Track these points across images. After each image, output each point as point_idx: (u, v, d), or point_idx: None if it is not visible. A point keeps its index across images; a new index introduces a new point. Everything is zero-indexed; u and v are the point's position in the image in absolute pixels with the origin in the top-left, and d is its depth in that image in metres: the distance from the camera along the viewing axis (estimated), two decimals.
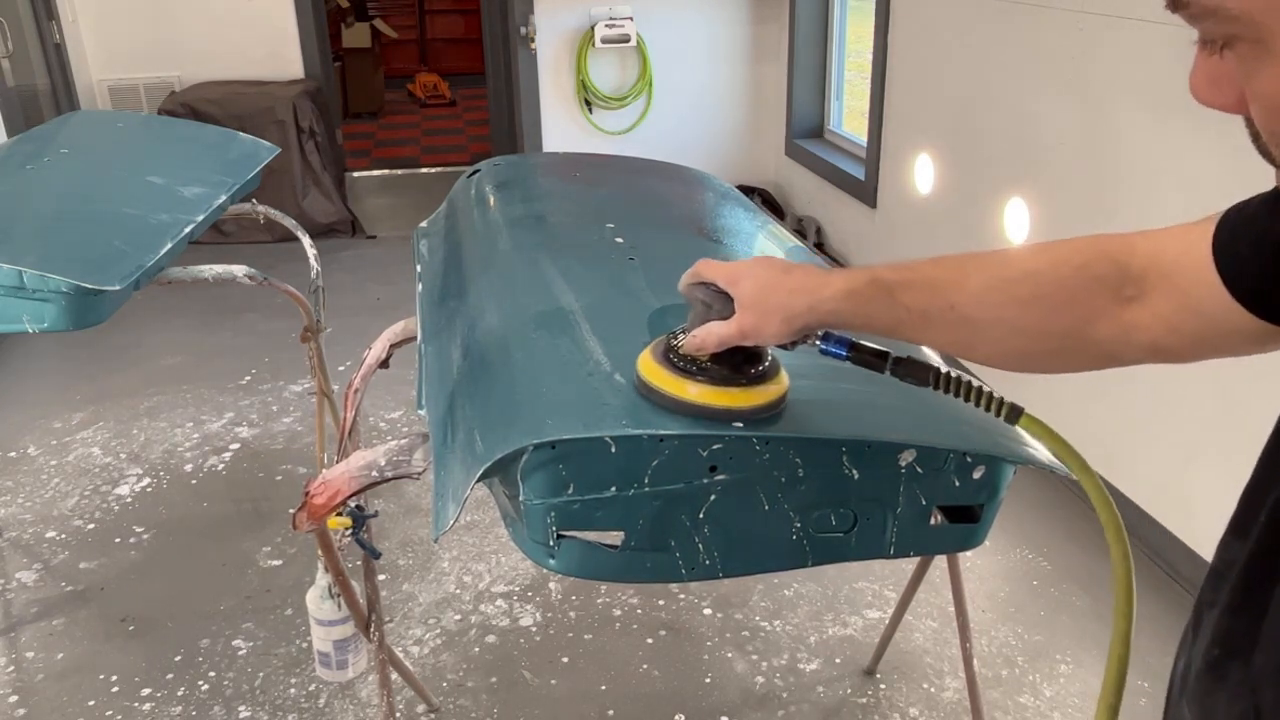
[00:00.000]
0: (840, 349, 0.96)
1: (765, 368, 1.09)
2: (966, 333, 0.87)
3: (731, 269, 1.00)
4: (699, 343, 1.02)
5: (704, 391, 1.06)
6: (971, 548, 1.34)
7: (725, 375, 1.06)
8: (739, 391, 1.07)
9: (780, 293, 0.95)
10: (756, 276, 0.97)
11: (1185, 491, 2.46)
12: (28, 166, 2.31)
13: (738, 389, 1.07)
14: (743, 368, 1.07)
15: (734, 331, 0.99)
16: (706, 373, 1.06)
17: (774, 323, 0.95)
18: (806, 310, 0.93)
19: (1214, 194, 2.43)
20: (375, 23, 9.12)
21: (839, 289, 0.91)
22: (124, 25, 5.25)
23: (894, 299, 0.88)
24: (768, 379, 1.09)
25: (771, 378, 1.10)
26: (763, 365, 1.09)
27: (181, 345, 4.03)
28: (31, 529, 2.82)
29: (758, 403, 1.08)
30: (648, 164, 2.47)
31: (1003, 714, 2.14)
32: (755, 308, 0.97)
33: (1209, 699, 0.75)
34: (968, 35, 3.37)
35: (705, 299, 1.01)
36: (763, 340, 0.99)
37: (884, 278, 0.90)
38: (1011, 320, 0.84)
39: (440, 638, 2.38)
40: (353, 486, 1.31)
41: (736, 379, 1.07)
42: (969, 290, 0.86)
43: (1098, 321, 0.80)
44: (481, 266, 1.67)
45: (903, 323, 0.89)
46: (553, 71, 5.17)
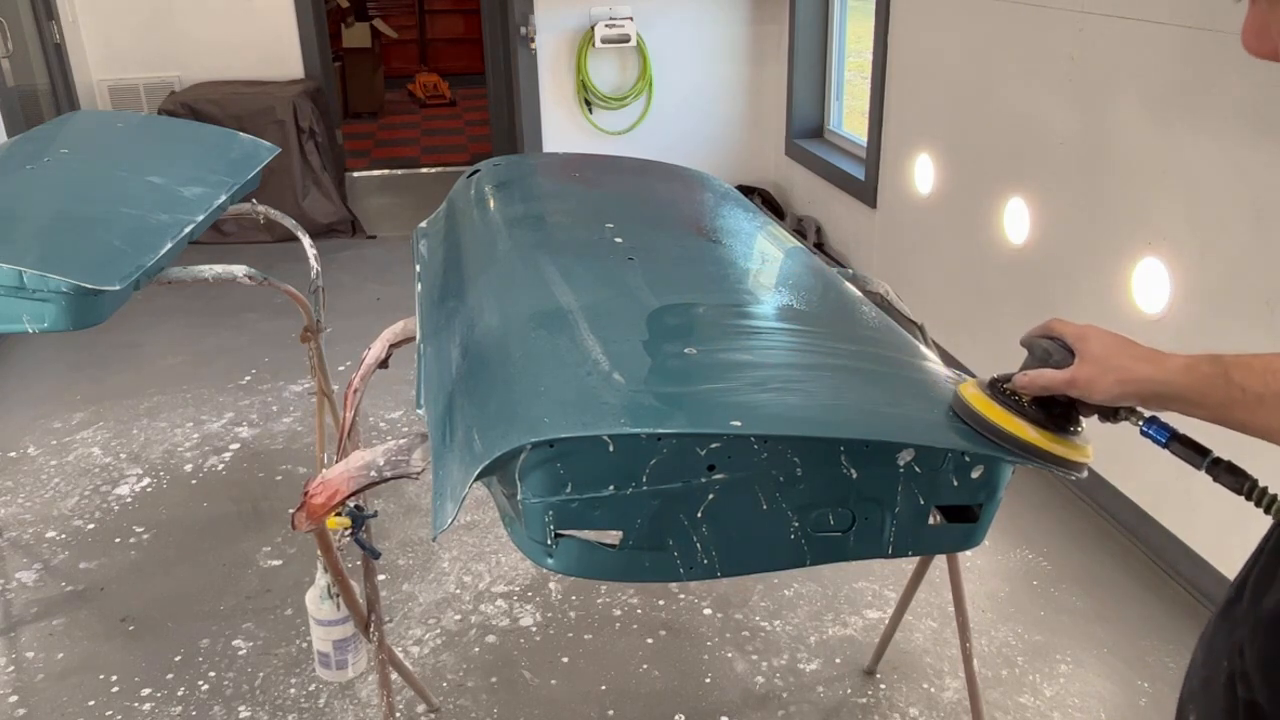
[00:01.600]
0: (1162, 434, 1.02)
1: (1080, 429, 1.12)
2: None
3: (1083, 329, 1.05)
4: (1028, 381, 1.08)
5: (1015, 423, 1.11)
6: (971, 547, 1.34)
7: (1037, 416, 1.10)
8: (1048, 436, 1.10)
9: (1125, 357, 0.99)
10: (1105, 339, 1.02)
11: (1186, 492, 2.46)
12: (28, 166, 2.31)
13: (1046, 433, 1.10)
14: (1056, 419, 1.11)
15: (1065, 379, 1.03)
16: (1020, 408, 1.11)
17: (1109, 381, 1.00)
18: (1145, 378, 0.97)
19: (1214, 194, 2.44)
20: (375, 23, 9.13)
21: (1180, 363, 0.95)
22: (124, 25, 5.25)
23: (1229, 378, 0.90)
24: (1075, 437, 1.12)
25: (1081, 440, 1.13)
26: (1075, 427, 1.12)
27: (181, 345, 4.03)
28: (31, 529, 2.82)
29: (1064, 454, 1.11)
30: (648, 164, 2.47)
31: (1003, 714, 2.14)
32: (1096, 363, 1.01)
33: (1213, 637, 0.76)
34: (968, 36, 3.37)
35: (1048, 348, 1.07)
36: (1092, 395, 1.02)
37: (1223, 358, 0.92)
38: None
39: (440, 638, 2.38)
40: (352, 486, 1.31)
41: (1046, 423, 1.10)
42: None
43: None
44: (481, 266, 1.67)
45: (1236, 403, 0.90)
46: (553, 71, 5.17)
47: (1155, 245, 2.51)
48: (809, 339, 1.42)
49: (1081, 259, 2.81)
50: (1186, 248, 2.42)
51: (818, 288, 1.66)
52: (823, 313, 1.56)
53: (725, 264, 1.74)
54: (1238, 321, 2.27)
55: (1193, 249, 2.40)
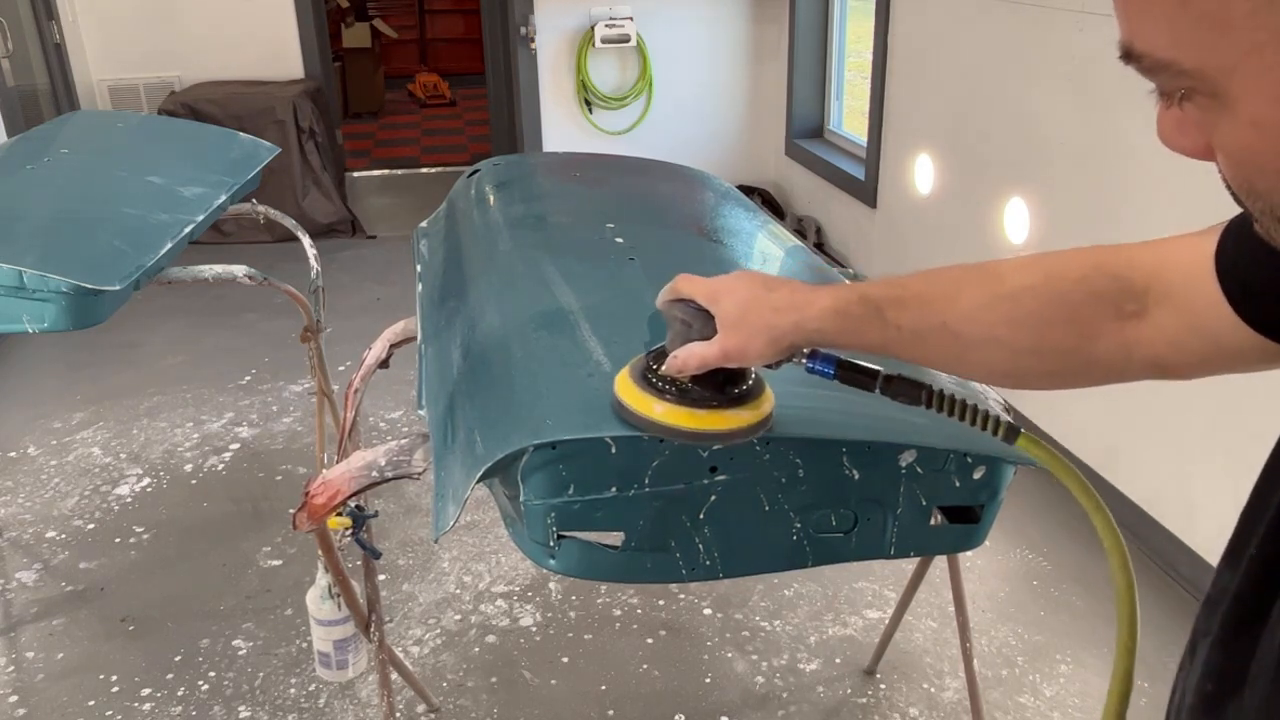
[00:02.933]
0: (828, 367, 0.92)
1: (749, 387, 1.04)
2: (959, 351, 0.84)
3: (711, 285, 0.95)
4: (680, 364, 0.97)
5: (681, 414, 1.00)
6: (971, 548, 1.34)
7: (707, 397, 1.00)
8: (722, 414, 1.01)
9: (764, 311, 0.90)
10: (738, 294, 0.93)
11: (1185, 492, 2.46)
12: (28, 166, 2.31)
13: (721, 411, 1.01)
14: (725, 388, 1.02)
15: (716, 352, 0.94)
16: (688, 394, 1.01)
17: (758, 343, 0.91)
18: (792, 329, 0.89)
19: (1213, 194, 2.43)
20: (375, 23, 9.12)
21: (826, 307, 0.87)
22: (124, 25, 5.25)
23: (883, 317, 0.85)
24: (752, 398, 1.03)
25: (756, 397, 1.04)
26: (746, 384, 1.03)
27: (181, 345, 4.03)
28: (31, 529, 2.82)
29: (742, 424, 1.02)
30: (648, 164, 2.47)
31: (1003, 714, 2.14)
32: (738, 327, 0.92)
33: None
34: (968, 35, 3.37)
35: (685, 317, 0.96)
36: (746, 361, 0.95)
37: (872, 295, 0.86)
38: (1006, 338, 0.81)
39: (440, 638, 2.38)
40: (353, 486, 1.31)
41: (719, 400, 1.01)
42: (961, 307, 0.82)
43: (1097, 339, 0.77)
44: (481, 266, 1.67)
45: (893, 341, 0.86)
46: (553, 71, 5.17)
47: None
48: None
49: None
50: None
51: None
52: None
53: (726, 264, 1.74)
54: None
55: None
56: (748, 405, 1.03)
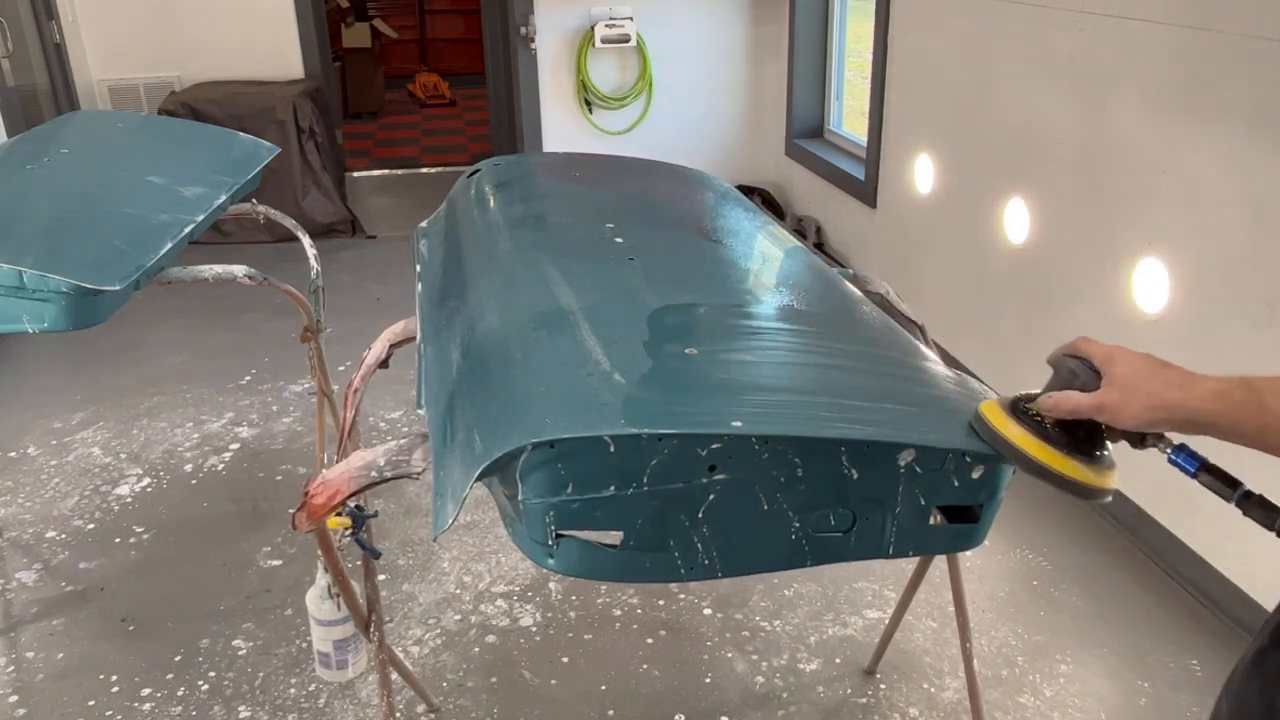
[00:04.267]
0: (1191, 464, 0.99)
1: (1100, 454, 1.09)
2: None
3: (1110, 349, 1.02)
4: (1054, 403, 1.05)
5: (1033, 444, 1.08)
6: (971, 548, 1.34)
7: (1062, 440, 1.07)
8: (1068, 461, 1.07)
9: (1154, 381, 0.96)
10: (1134, 362, 0.99)
11: (1186, 492, 2.46)
12: (28, 166, 2.31)
13: (1068, 458, 1.07)
14: (1081, 441, 1.07)
15: (1094, 403, 1.00)
16: (1044, 431, 1.08)
17: (1137, 407, 0.97)
18: (1175, 404, 0.94)
19: (1214, 194, 2.44)
20: (375, 23, 9.12)
21: (1210, 388, 0.92)
22: (124, 25, 5.25)
23: (1264, 404, 0.87)
24: (1100, 463, 1.09)
25: (1106, 466, 1.10)
26: (1099, 450, 1.09)
27: (181, 345, 4.03)
28: (31, 529, 2.82)
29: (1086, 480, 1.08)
30: (648, 164, 2.47)
31: (1003, 714, 2.14)
32: (1125, 387, 0.98)
33: (1244, 689, 0.74)
34: (968, 35, 3.37)
35: (1075, 368, 1.04)
36: (1120, 420, 0.99)
37: (1257, 384, 0.89)
38: None
39: (440, 638, 2.38)
40: (352, 486, 1.31)
41: (1069, 447, 1.07)
42: None
43: None
44: (481, 266, 1.67)
45: (1271, 430, 0.87)
46: (553, 71, 5.17)
47: (1155, 245, 2.51)
48: (810, 339, 1.42)
49: (1081, 259, 2.81)
50: (1186, 248, 2.42)
51: (818, 288, 1.66)
52: (823, 313, 1.56)
53: (726, 264, 1.74)
54: (1238, 322, 2.27)
55: (1193, 249, 2.40)
56: (1094, 466, 1.09)
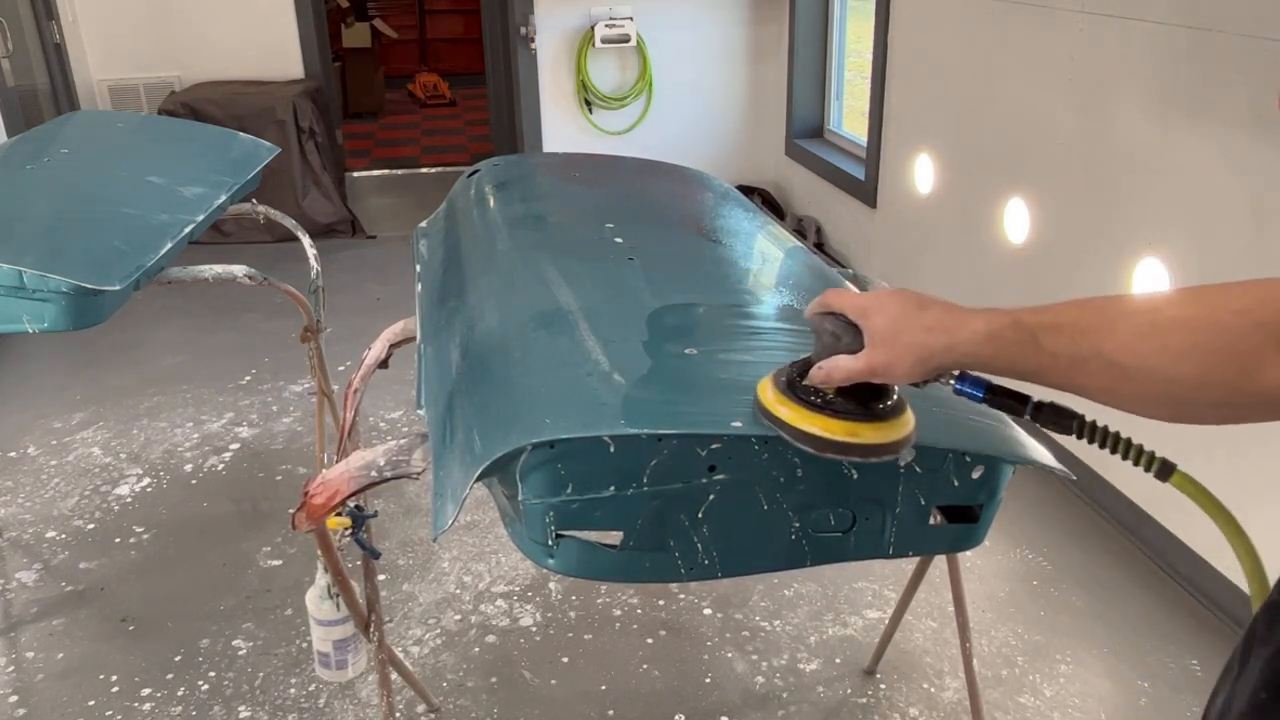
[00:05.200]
0: (977, 390, 0.94)
1: (891, 404, 1.05)
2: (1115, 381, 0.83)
3: (862, 301, 0.97)
4: (825, 375, 1.00)
5: (823, 423, 1.02)
6: (971, 547, 1.34)
7: (850, 409, 1.02)
8: (863, 427, 1.03)
9: (916, 330, 0.92)
10: (889, 311, 0.94)
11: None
12: (28, 166, 2.31)
13: (862, 424, 1.02)
14: (868, 403, 1.03)
15: (863, 367, 0.96)
16: (831, 405, 1.02)
17: (906, 361, 0.93)
18: (943, 350, 0.90)
19: (1214, 194, 2.44)
20: (375, 23, 9.12)
21: (979, 330, 0.88)
22: (124, 25, 5.25)
23: (1038, 343, 0.84)
24: (894, 416, 1.05)
25: (898, 414, 1.05)
26: (889, 401, 1.05)
27: (181, 345, 4.03)
28: (31, 529, 2.82)
29: (883, 440, 1.04)
30: (647, 164, 2.47)
31: (1003, 714, 2.14)
32: (887, 344, 0.94)
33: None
34: (968, 35, 3.37)
35: (834, 330, 0.98)
36: (893, 378, 0.96)
37: (1026, 321, 0.86)
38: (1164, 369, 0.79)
39: (440, 638, 2.38)
40: (352, 486, 1.31)
41: (861, 414, 1.03)
42: (1118, 337, 0.81)
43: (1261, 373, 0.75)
44: (481, 266, 1.67)
45: (1046, 369, 0.85)
46: (553, 71, 5.17)
47: (1155, 245, 2.51)
48: (809, 339, 1.42)
49: (1081, 259, 2.81)
50: (1186, 248, 2.42)
51: (818, 288, 1.66)
52: None
53: (726, 264, 1.74)
54: None
55: (1193, 249, 2.40)
56: (889, 422, 1.04)
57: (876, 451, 1.04)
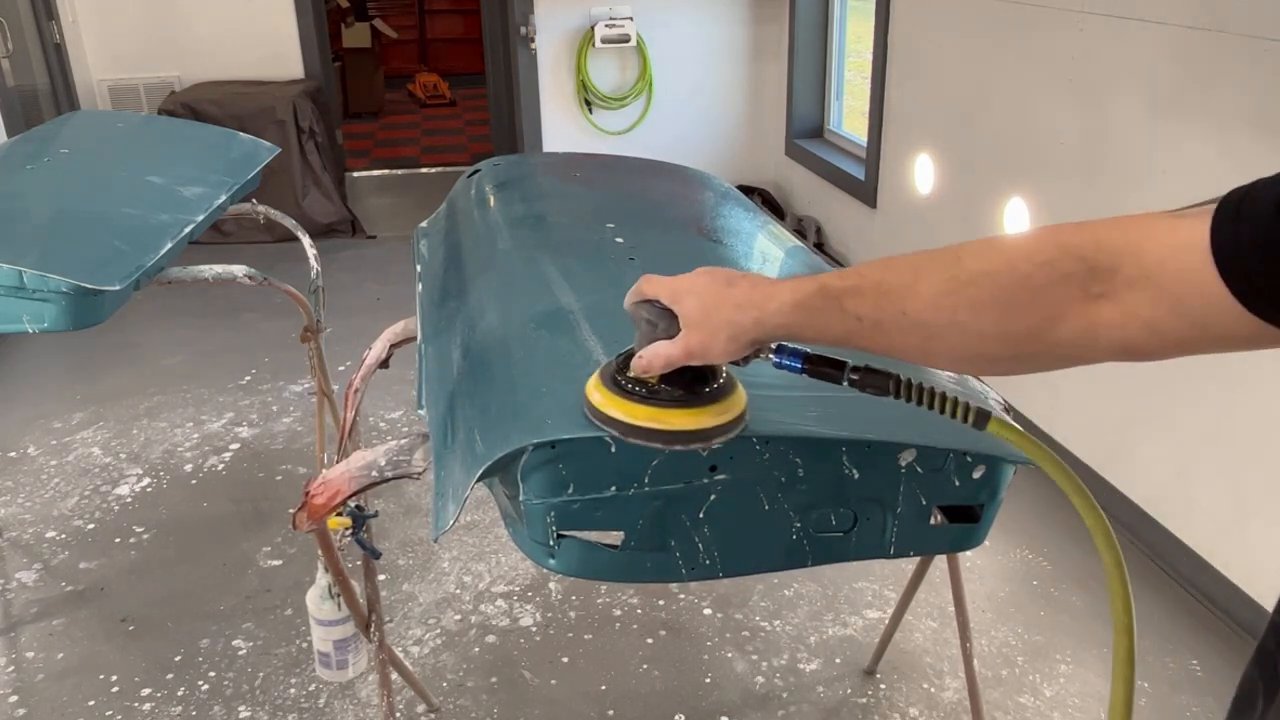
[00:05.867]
0: (795, 362, 0.92)
1: (720, 385, 1.03)
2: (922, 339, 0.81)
3: (674, 284, 0.95)
4: (645, 364, 0.97)
5: (648, 413, 1.00)
6: (971, 547, 1.34)
7: (676, 397, 1.00)
8: (690, 413, 1.00)
9: (725, 308, 0.90)
10: (699, 292, 0.92)
11: (1185, 491, 2.46)
12: (28, 166, 2.31)
13: (688, 410, 1.00)
14: (694, 387, 1.01)
15: (680, 351, 0.94)
16: (656, 395, 1.00)
17: (720, 341, 0.91)
18: (753, 325, 0.89)
19: (1213, 194, 2.43)
20: (375, 23, 9.12)
21: (786, 301, 0.86)
22: (124, 25, 5.25)
23: (843, 308, 0.83)
24: (723, 397, 1.03)
25: (727, 395, 1.03)
26: (716, 384, 1.03)
27: (181, 345, 4.02)
28: (31, 529, 2.82)
29: (712, 423, 1.02)
30: (648, 164, 2.47)
31: (1003, 714, 2.14)
32: (700, 326, 0.92)
33: None
34: (968, 35, 3.37)
35: (650, 317, 0.96)
36: (711, 359, 0.94)
37: (832, 286, 0.84)
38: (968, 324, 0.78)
39: (440, 638, 2.38)
40: (353, 486, 1.31)
41: (688, 400, 1.01)
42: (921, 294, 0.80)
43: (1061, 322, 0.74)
44: (481, 266, 1.67)
45: (854, 333, 0.83)
46: (553, 71, 5.17)
47: None
48: None
49: None
50: None
51: None
52: None
53: (726, 264, 1.74)
54: None
55: None
56: (718, 404, 1.02)
57: (718, 433, 1.02)
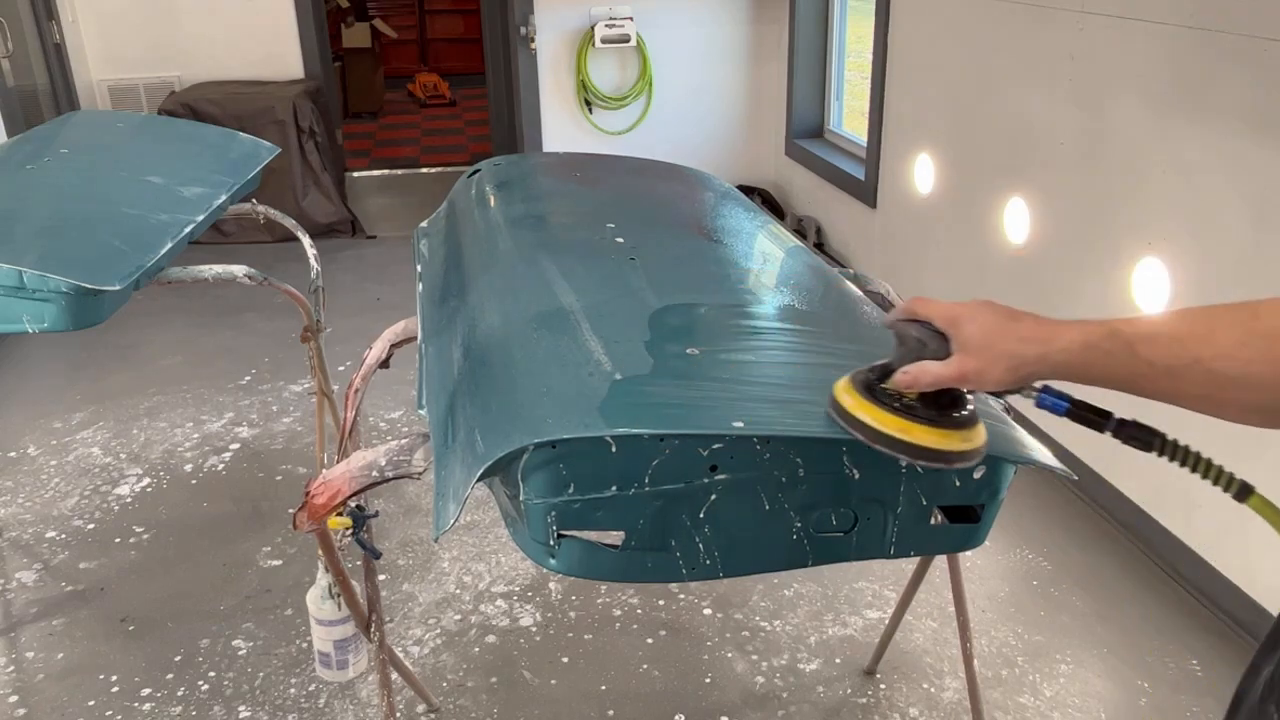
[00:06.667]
0: (1061, 403, 0.95)
1: (968, 413, 1.05)
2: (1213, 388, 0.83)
3: (951, 310, 0.97)
4: (912, 379, 0.99)
5: (905, 427, 1.03)
6: (972, 548, 1.34)
7: (931, 415, 1.03)
8: (943, 434, 1.03)
9: (1009, 340, 0.92)
10: (981, 321, 0.94)
11: (1186, 492, 2.46)
12: (28, 166, 2.31)
13: (942, 431, 1.03)
14: (946, 410, 1.03)
15: (953, 373, 0.96)
16: (912, 411, 1.03)
17: (998, 369, 0.93)
18: (1036, 359, 0.90)
19: (1214, 194, 2.44)
20: (375, 23, 9.12)
21: (1074, 340, 0.88)
22: (124, 25, 5.25)
23: (1134, 352, 0.85)
24: (970, 425, 1.05)
25: (973, 424, 1.06)
26: (965, 410, 1.05)
27: (181, 345, 4.02)
28: (31, 529, 2.82)
29: (963, 447, 1.04)
30: (648, 164, 2.47)
31: (1003, 714, 2.14)
32: (980, 353, 0.94)
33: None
34: (968, 35, 3.37)
35: (921, 337, 0.98)
36: (982, 386, 0.96)
37: (1123, 331, 0.86)
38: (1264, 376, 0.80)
39: (440, 638, 2.38)
40: (353, 486, 1.31)
41: (942, 420, 1.03)
42: (1217, 344, 0.81)
43: None
44: (482, 266, 1.67)
45: (1142, 377, 0.85)
46: (553, 71, 5.17)
47: (1155, 245, 2.51)
48: (810, 339, 1.42)
49: (1081, 259, 2.81)
50: (1186, 248, 2.42)
51: (819, 288, 1.66)
52: (824, 313, 1.56)
53: (726, 264, 1.74)
54: None
55: (1193, 249, 2.40)
56: (964, 430, 1.04)
57: (962, 458, 1.05)
